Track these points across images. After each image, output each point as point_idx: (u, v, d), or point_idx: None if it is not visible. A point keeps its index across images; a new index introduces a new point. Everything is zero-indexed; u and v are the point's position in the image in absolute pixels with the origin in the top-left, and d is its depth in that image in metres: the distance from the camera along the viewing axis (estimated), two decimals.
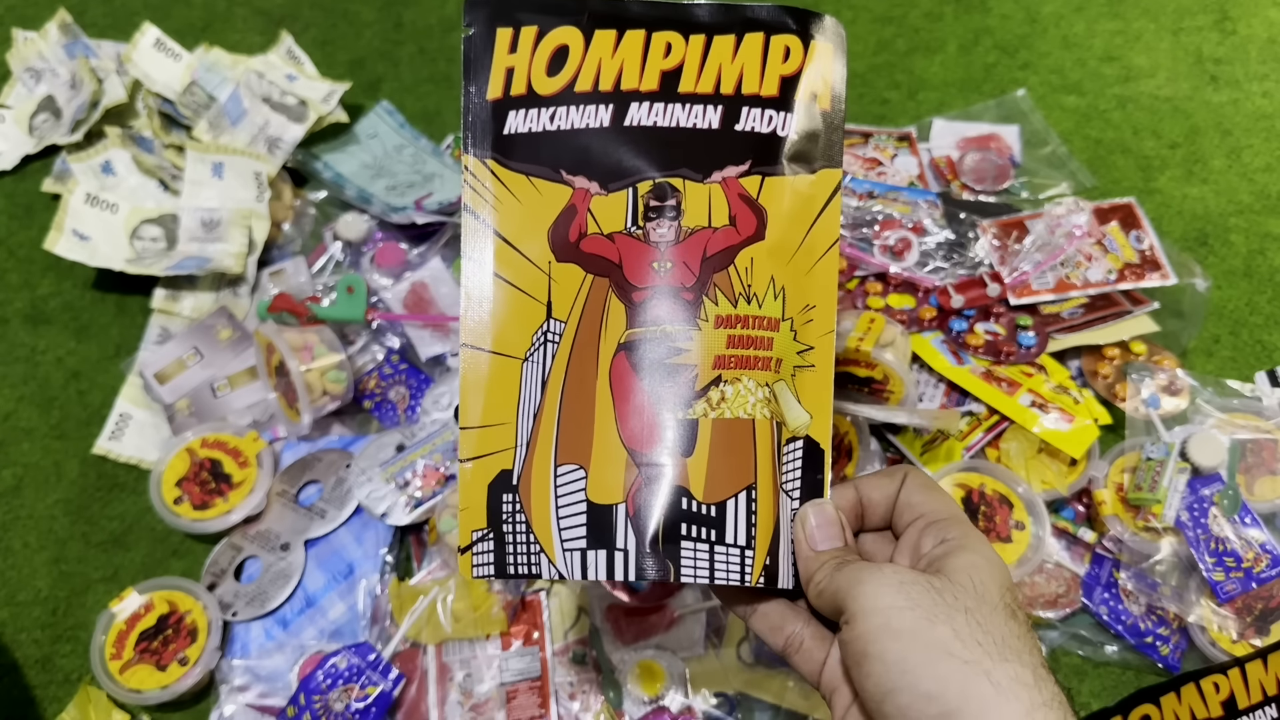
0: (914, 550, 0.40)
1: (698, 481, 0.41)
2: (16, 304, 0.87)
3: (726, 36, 0.44)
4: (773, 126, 0.44)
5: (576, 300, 0.44)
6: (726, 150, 0.44)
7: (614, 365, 0.43)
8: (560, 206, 0.44)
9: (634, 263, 0.44)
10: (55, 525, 0.75)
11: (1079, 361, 0.76)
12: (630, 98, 0.44)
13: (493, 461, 0.44)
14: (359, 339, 0.80)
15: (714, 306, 0.43)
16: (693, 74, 0.44)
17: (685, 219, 0.44)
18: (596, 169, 0.44)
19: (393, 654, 0.65)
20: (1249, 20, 1.00)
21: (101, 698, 0.66)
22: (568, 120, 0.44)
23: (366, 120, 0.96)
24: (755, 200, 0.44)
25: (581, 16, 0.44)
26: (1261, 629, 0.62)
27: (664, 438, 0.42)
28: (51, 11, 1.01)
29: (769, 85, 0.44)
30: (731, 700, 0.63)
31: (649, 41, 0.44)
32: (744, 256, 0.43)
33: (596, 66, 0.44)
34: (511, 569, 0.43)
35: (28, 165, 0.97)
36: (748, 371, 0.43)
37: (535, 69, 0.44)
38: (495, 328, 0.44)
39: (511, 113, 0.44)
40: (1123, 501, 0.67)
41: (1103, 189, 0.88)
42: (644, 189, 0.44)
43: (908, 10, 1.05)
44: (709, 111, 0.44)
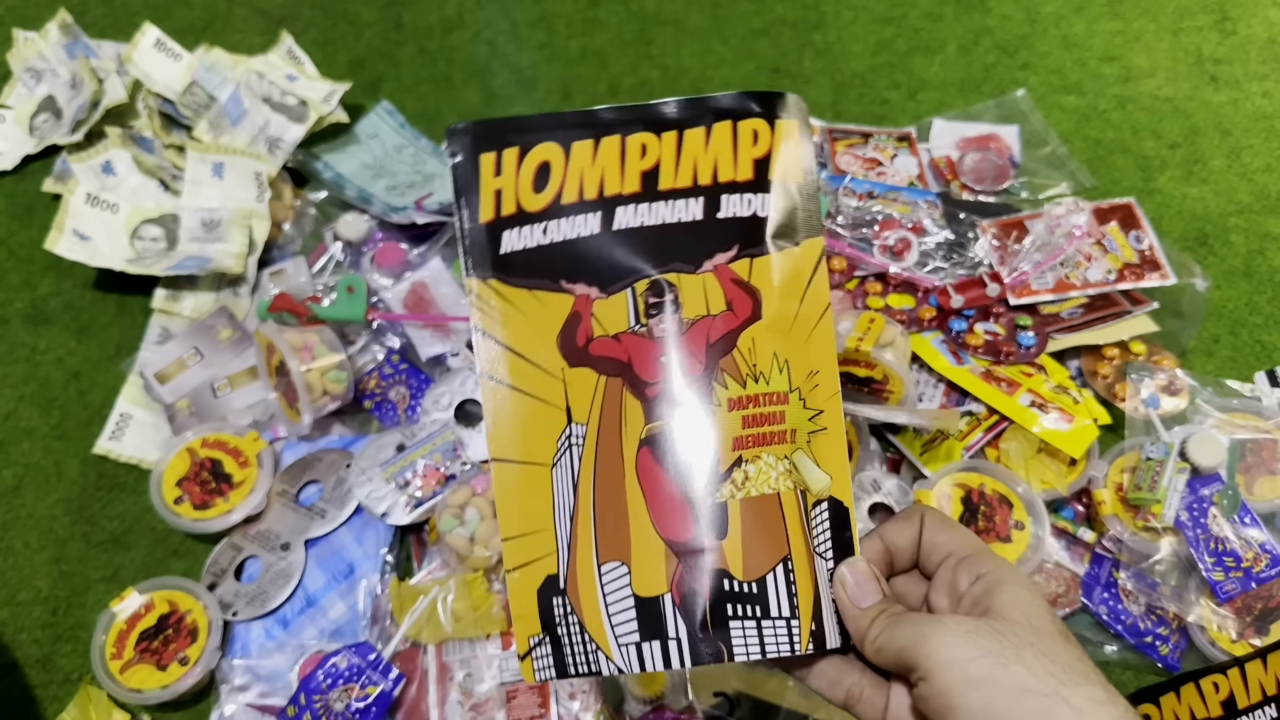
0: (950, 587, 0.41)
1: (735, 561, 0.43)
2: (17, 304, 0.87)
3: (697, 129, 0.46)
4: (752, 209, 0.46)
5: (594, 403, 0.45)
6: (713, 239, 0.46)
7: (639, 461, 0.44)
8: (565, 315, 0.46)
9: (642, 360, 0.45)
10: (56, 525, 0.75)
11: (1078, 361, 0.76)
12: (615, 202, 0.46)
13: (537, 568, 0.46)
14: (359, 339, 0.80)
15: (724, 390, 0.44)
16: (670, 170, 0.46)
17: (685, 310, 0.45)
18: (593, 274, 0.46)
19: (393, 654, 0.65)
20: (1249, 20, 1.00)
21: (102, 697, 0.66)
22: (559, 232, 0.46)
23: (367, 120, 0.97)
24: (747, 282, 0.46)
25: (557, 131, 0.46)
26: (1261, 629, 0.62)
27: (697, 525, 0.43)
28: (52, 12, 1.01)
29: (743, 170, 0.46)
30: (731, 700, 0.63)
31: (625, 146, 0.46)
32: (745, 338, 0.45)
33: (580, 177, 0.46)
34: (572, 669, 0.44)
35: (28, 165, 0.97)
36: (766, 448, 0.44)
37: (522, 188, 0.46)
38: (520, 438, 0.46)
39: (506, 232, 0.46)
40: (1122, 501, 0.67)
41: (1102, 189, 0.89)
42: (641, 288, 0.46)
43: (908, 10, 1.05)
44: (691, 204, 0.46)
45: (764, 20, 1.05)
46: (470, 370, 0.77)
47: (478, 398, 0.76)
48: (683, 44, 1.04)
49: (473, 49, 1.04)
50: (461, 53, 1.04)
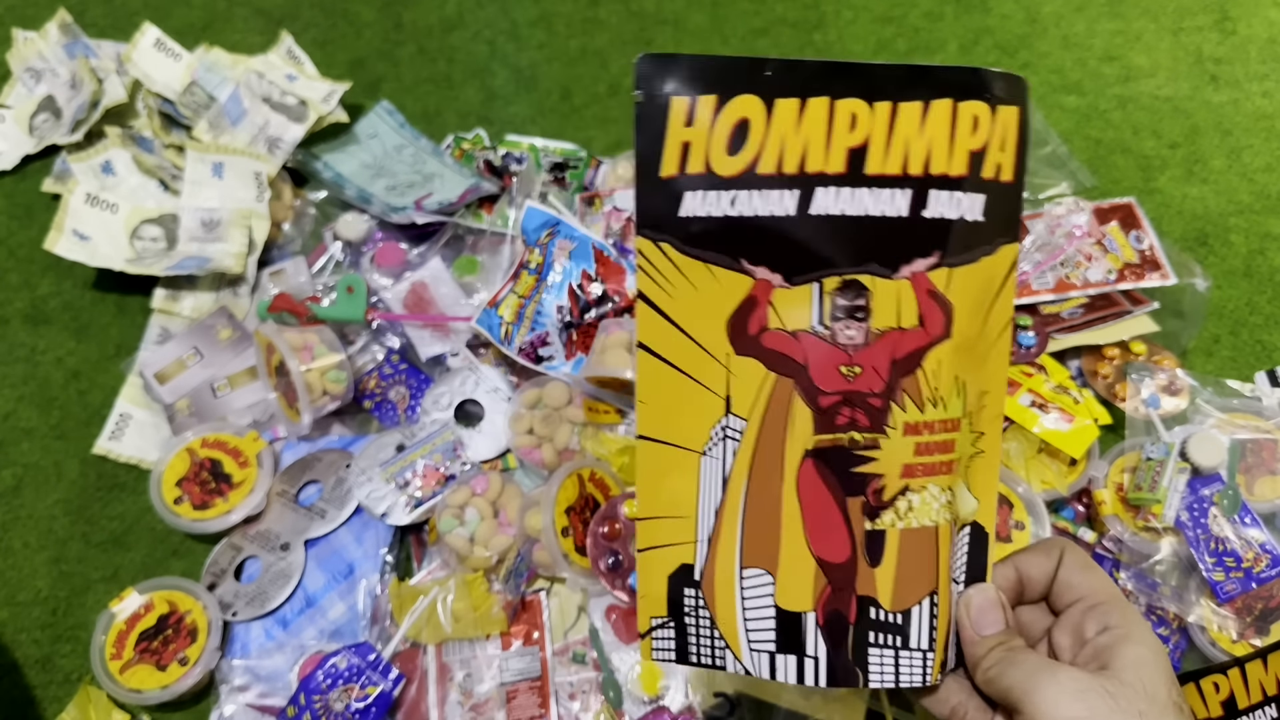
0: (1075, 632, 0.41)
1: (885, 591, 0.41)
2: (16, 304, 0.87)
3: (913, 104, 0.40)
4: (961, 211, 0.41)
5: (759, 398, 0.42)
6: (915, 241, 0.41)
7: (802, 473, 0.42)
8: (740, 297, 0.42)
9: (821, 366, 0.42)
10: (55, 525, 0.75)
11: (1079, 361, 0.76)
12: (816, 182, 0.41)
13: (672, 554, 0.44)
14: (359, 339, 0.80)
15: (902, 414, 0.41)
16: (880, 152, 0.41)
17: (874, 320, 0.41)
18: (780, 259, 0.42)
19: (393, 654, 0.65)
20: (1249, 20, 1.00)
21: (102, 698, 0.66)
22: (750, 206, 0.41)
23: (366, 120, 0.96)
24: (943, 296, 0.41)
25: (760, 82, 0.41)
26: (1261, 629, 0.62)
27: (853, 548, 0.42)
28: (51, 11, 1.01)
29: (957, 163, 0.41)
30: (731, 700, 0.63)
31: (833, 112, 0.41)
32: (932, 358, 0.41)
33: (780, 145, 0.41)
34: (694, 658, 0.43)
35: (28, 165, 0.97)
36: (933, 478, 0.42)
37: (714, 146, 0.41)
38: (672, 419, 0.43)
39: (689, 193, 0.41)
40: (1122, 501, 0.67)
41: (1103, 189, 0.88)
42: (830, 285, 0.41)
43: (908, 10, 1.05)
44: (897, 197, 0.41)
45: (764, 20, 1.05)
46: (470, 370, 0.77)
47: (478, 398, 0.76)
48: (683, 44, 1.03)
49: (473, 49, 1.04)
50: (461, 52, 1.04)
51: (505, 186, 0.87)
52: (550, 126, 0.97)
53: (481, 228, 0.84)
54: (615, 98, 0.99)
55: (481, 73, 1.02)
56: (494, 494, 0.69)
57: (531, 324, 0.75)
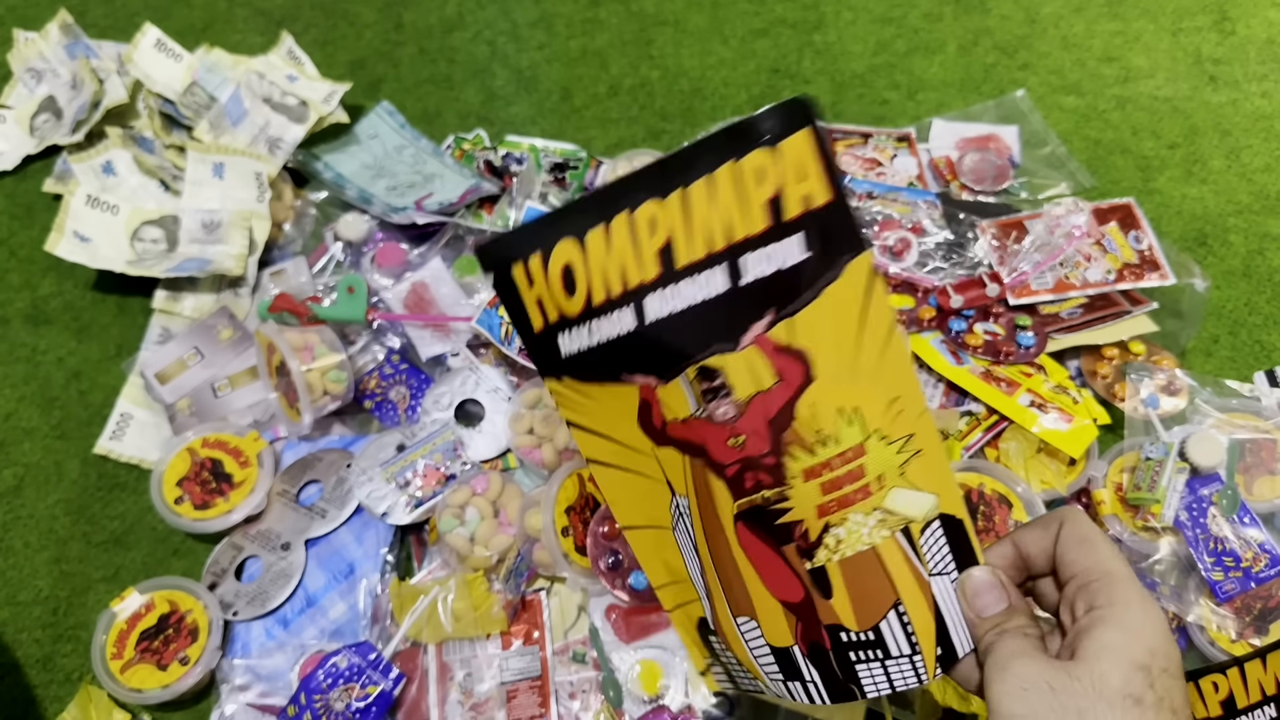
0: (1071, 611, 0.41)
1: (847, 616, 0.44)
2: (17, 304, 0.87)
3: (699, 182, 0.41)
4: (775, 264, 0.41)
5: (686, 479, 0.46)
6: (744, 309, 0.42)
7: (738, 533, 0.45)
8: (636, 402, 0.46)
9: (714, 444, 0.45)
10: (56, 525, 0.75)
11: (1078, 361, 0.76)
12: (641, 294, 0.43)
13: (691, 610, 0.49)
14: (359, 339, 0.81)
15: (795, 463, 0.43)
16: (683, 242, 0.42)
17: (737, 392, 0.43)
18: (647, 364, 0.45)
19: (393, 653, 0.65)
20: (1248, 21, 1.00)
21: (102, 697, 0.66)
22: (601, 333, 0.45)
23: (367, 121, 0.97)
24: (790, 347, 0.42)
25: (568, 224, 0.44)
26: (1260, 628, 0.62)
27: (804, 588, 0.44)
28: (52, 12, 1.01)
29: (756, 220, 0.41)
30: (731, 700, 0.63)
31: (634, 223, 0.43)
32: (803, 405, 0.42)
33: (602, 273, 0.44)
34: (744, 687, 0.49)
35: (29, 165, 0.97)
36: (850, 509, 0.43)
37: (555, 295, 0.45)
38: (641, 509, 0.49)
39: (560, 335, 0.46)
40: (1122, 501, 0.67)
41: (1102, 189, 0.89)
42: (692, 374, 0.44)
43: (907, 11, 1.05)
44: (714, 276, 0.42)
45: (764, 20, 1.05)
46: (470, 370, 0.77)
47: (478, 397, 0.76)
48: (683, 44, 1.04)
49: (473, 49, 1.05)
50: (462, 53, 1.04)
51: (505, 187, 0.88)
52: (550, 127, 0.97)
53: (482, 228, 0.84)
54: (615, 98, 0.99)
55: (482, 73, 1.02)
56: (494, 494, 0.69)
57: None
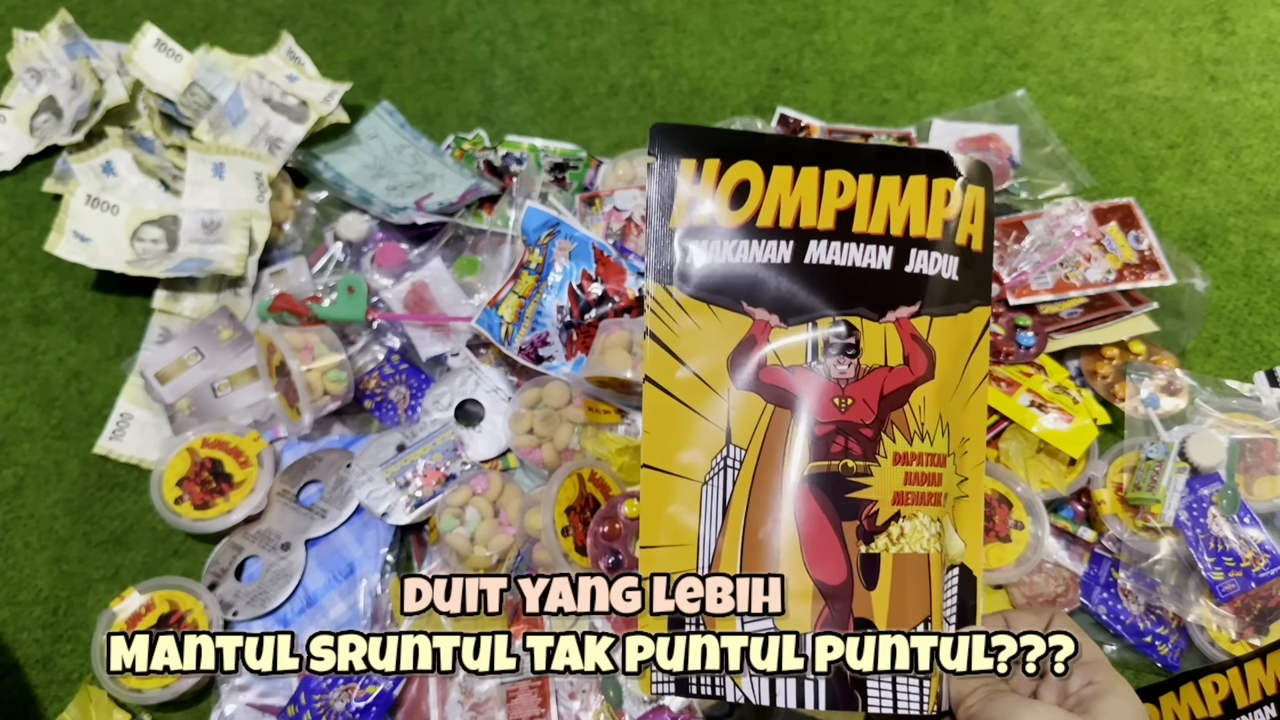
0: (1061, 689, 0.42)
1: (881, 614, 0.43)
2: (18, 304, 0.87)
3: (892, 178, 0.46)
4: (938, 269, 0.46)
5: (757, 429, 0.45)
6: (899, 291, 0.46)
7: (799, 497, 0.44)
8: (740, 336, 0.46)
9: (815, 397, 0.45)
10: (56, 525, 0.75)
11: (1078, 361, 0.76)
12: (809, 235, 0.46)
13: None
14: (359, 339, 0.81)
15: (892, 444, 0.44)
16: (865, 214, 0.46)
17: (863, 357, 0.45)
18: (776, 302, 0.46)
19: None
20: (1248, 21, 1.00)
21: (102, 697, 0.66)
22: (749, 254, 0.46)
23: (367, 121, 0.97)
24: (925, 340, 0.46)
25: (758, 151, 0.46)
26: (1260, 628, 0.62)
27: (849, 571, 0.43)
28: (52, 12, 1.01)
29: (933, 228, 0.46)
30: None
31: (823, 180, 0.46)
32: (917, 395, 0.45)
33: (777, 203, 0.46)
34: (694, 689, 0.44)
35: (29, 165, 0.97)
36: (923, 507, 0.44)
37: (719, 201, 0.46)
38: (676, 450, 0.46)
39: (694, 243, 0.46)
40: (1122, 501, 0.67)
41: (1102, 189, 0.89)
42: (824, 324, 0.45)
43: (907, 11, 1.05)
44: (881, 252, 0.46)
45: (764, 20, 1.05)
46: (470, 370, 0.77)
47: (478, 397, 0.76)
48: (683, 44, 1.04)
49: (473, 49, 1.05)
50: (462, 53, 1.04)
51: (505, 187, 0.88)
52: (550, 127, 0.97)
53: (482, 228, 0.84)
54: (615, 98, 0.99)
55: (482, 73, 1.02)
56: (494, 493, 0.69)
57: (532, 324, 0.75)
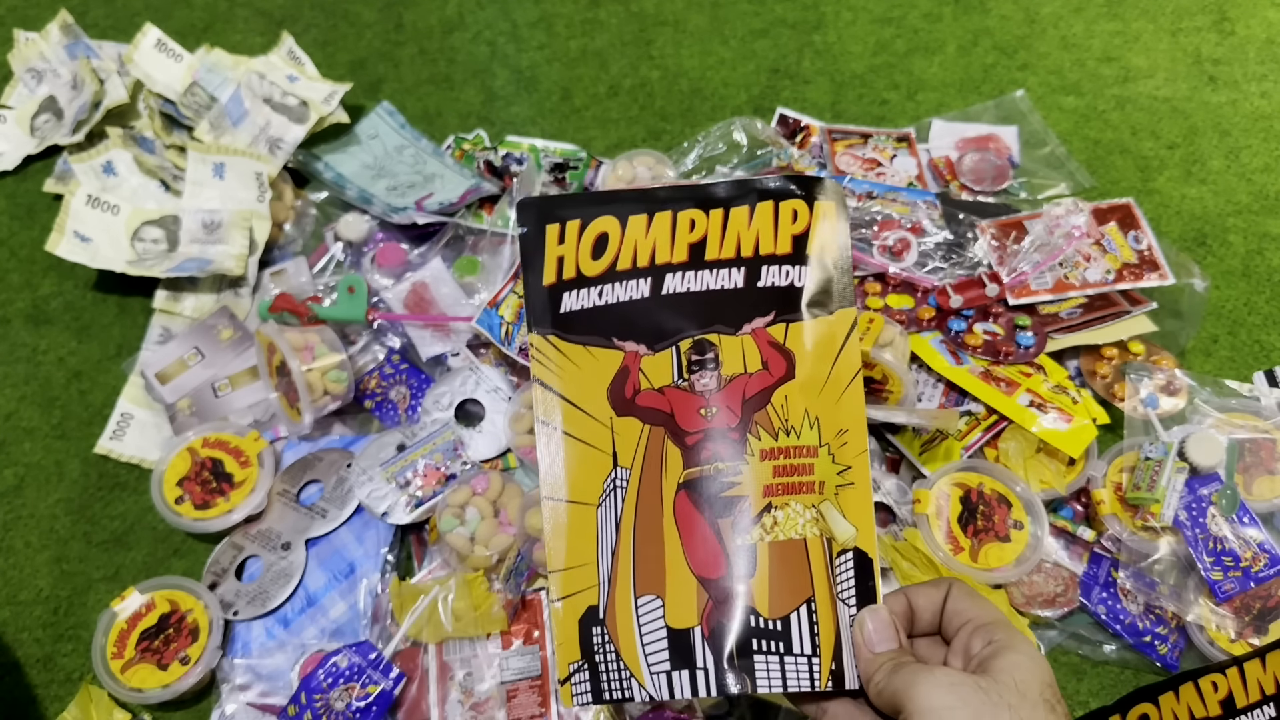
0: (965, 652, 0.44)
1: (762, 599, 0.46)
2: (18, 304, 0.87)
3: (741, 207, 0.51)
4: (790, 279, 0.50)
5: (638, 449, 0.49)
6: (752, 305, 0.50)
7: (677, 503, 0.48)
8: (615, 368, 0.50)
9: (684, 411, 0.49)
10: (57, 525, 0.75)
11: (1077, 361, 0.76)
12: (665, 270, 0.51)
13: (580, 599, 0.49)
14: (360, 339, 0.81)
15: (758, 442, 0.48)
16: (716, 243, 0.51)
17: (724, 368, 0.49)
18: (642, 333, 0.50)
19: (393, 653, 0.65)
20: (1247, 21, 1.00)
21: (103, 697, 0.66)
22: (613, 295, 0.51)
23: (367, 121, 0.97)
24: (782, 345, 0.50)
25: (615, 206, 0.51)
26: (1260, 628, 0.62)
27: (728, 563, 0.47)
28: (53, 12, 1.01)
29: (783, 244, 0.51)
30: (731, 700, 0.63)
31: (675, 220, 0.51)
32: (779, 395, 0.49)
33: (634, 247, 0.51)
34: (607, 695, 0.47)
35: (29, 166, 0.97)
36: (794, 496, 0.47)
37: (582, 255, 0.51)
38: (570, 480, 0.50)
39: (565, 294, 0.51)
40: (1121, 501, 0.67)
41: (1101, 189, 0.89)
42: (685, 346, 0.50)
43: (907, 11, 1.05)
44: (733, 273, 0.51)
45: (764, 20, 1.05)
46: (470, 370, 0.77)
47: (478, 397, 0.76)
48: (683, 44, 1.04)
49: (473, 50, 1.05)
50: (462, 53, 1.04)
51: (506, 187, 0.88)
52: (550, 127, 0.97)
53: (482, 228, 0.84)
54: (615, 99, 1.00)
55: (482, 74, 1.02)
56: (494, 493, 0.69)
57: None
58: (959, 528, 0.67)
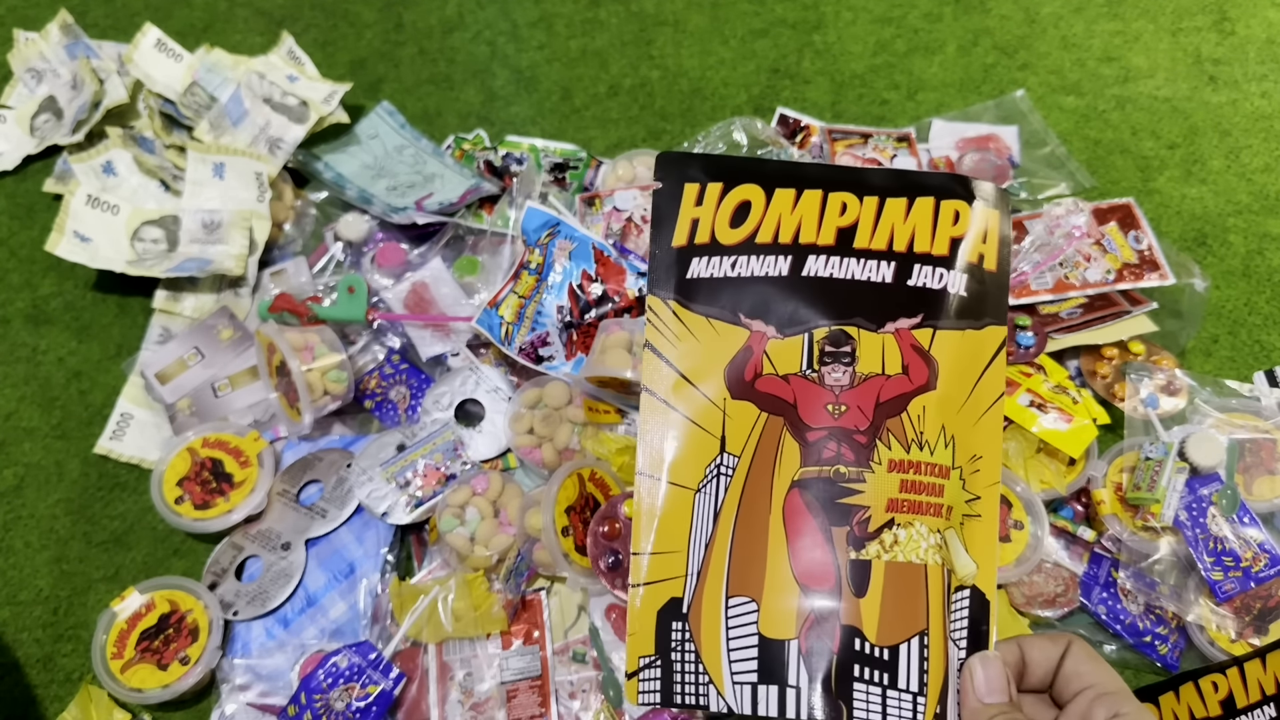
0: (1084, 717, 0.40)
1: (871, 623, 0.42)
2: (18, 304, 0.87)
3: (899, 200, 0.47)
4: (943, 283, 0.47)
5: (750, 437, 0.46)
6: (899, 303, 0.47)
7: (788, 502, 0.44)
8: (737, 347, 0.47)
9: (809, 404, 0.46)
10: (57, 525, 0.75)
11: (1078, 361, 0.76)
12: (808, 250, 0.47)
13: (663, 589, 0.45)
14: (360, 339, 0.81)
15: (887, 450, 0.44)
16: (867, 232, 0.47)
17: (859, 365, 0.46)
18: (773, 314, 0.47)
19: (393, 653, 0.65)
20: (1248, 21, 1.00)
21: (103, 697, 0.66)
22: (748, 268, 0.47)
23: (367, 121, 0.97)
24: (927, 351, 0.46)
25: (762, 175, 0.48)
26: (1260, 628, 0.62)
27: (838, 577, 0.43)
28: (53, 12, 1.01)
29: (939, 245, 0.47)
30: None
31: (825, 200, 0.47)
32: (916, 404, 0.45)
33: (776, 221, 0.47)
34: (679, 699, 0.44)
35: (29, 165, 0.97)
36: (920, 516, 0.44)
37: (719, 221, 0.48)
38: (670, 459, 0.46)
39: (695, 259, 0.47)
40: (1121, 501, 0.67)
41: (1101, 189, 0.89)
42: (819, 335, 0.46)
43: (907, 11, 1.05)
44: (882, 266, 0.47)
45: (764, 20, 1.05)
46: (470, 370, 0.77)
47: (478, 397, 0.76)
48: (683, 44, 1.04)
49: (473, 49, 1.05)
50: (462, 53, 1.04)
51: (506, 187, 0.88)
52: (550, 127, 0.97)
53: (482, 228, 0.84)
54: (615, 99, 0.99)
55: (482, 74, 1.02)
56: (494, 493, 0.69)
57: (532, 324, 0.75)
58: None
